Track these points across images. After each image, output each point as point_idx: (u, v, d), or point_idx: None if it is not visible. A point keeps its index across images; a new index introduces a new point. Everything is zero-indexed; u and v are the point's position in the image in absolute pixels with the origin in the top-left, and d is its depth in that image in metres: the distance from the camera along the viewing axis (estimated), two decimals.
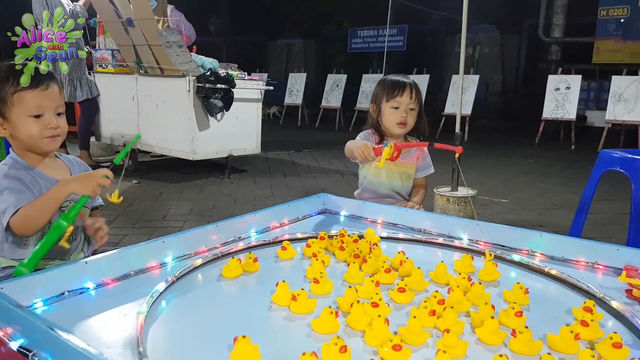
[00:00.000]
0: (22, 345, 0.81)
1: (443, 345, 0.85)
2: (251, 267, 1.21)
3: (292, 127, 10.20)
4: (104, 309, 1.01)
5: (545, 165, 6.12)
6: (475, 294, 1.05)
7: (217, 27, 16.40)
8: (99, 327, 0.94)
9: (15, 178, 1.30)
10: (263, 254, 1.30)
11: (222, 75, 4.38)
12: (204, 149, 4.50)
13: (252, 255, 1.22)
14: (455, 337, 0.85)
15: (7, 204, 1.25)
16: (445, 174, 3.26)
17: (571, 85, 7.82)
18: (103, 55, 5.08)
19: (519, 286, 1.06)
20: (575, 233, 2.41)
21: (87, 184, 1.26)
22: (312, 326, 0.93)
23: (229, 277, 1.17)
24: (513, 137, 8.96)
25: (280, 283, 1.04)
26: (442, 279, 1.17)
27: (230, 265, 1.18)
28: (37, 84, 1.29)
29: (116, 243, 2.80)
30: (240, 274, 1.19)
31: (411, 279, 1.13)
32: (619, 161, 2.26)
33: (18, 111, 1.29)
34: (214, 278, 1.19)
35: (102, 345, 0.86)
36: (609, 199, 4.11)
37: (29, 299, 0.98)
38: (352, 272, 1.16)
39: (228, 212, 3.53)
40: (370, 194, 2.14)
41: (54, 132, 1.33)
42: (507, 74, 12.23)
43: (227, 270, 1.18)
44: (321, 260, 1.21)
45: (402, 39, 10.77)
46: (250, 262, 1.21)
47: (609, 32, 9.16)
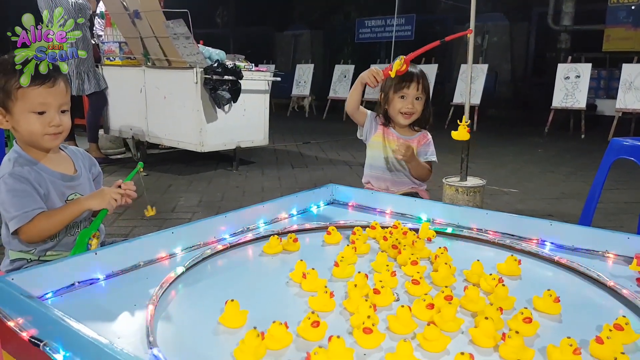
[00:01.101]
0: (34, 335, 0.82)
1: (423, 337, 0.85)
2: (291, 247, 1.31)
3: (300, 118, 10.18)
4: (114, 299, 1.02)
5: (555, 154, 6.07)
6: (499, 295, 1.01)
7: (224, 19, 16.36)
8: (110, 317, 0.95)
9: (20, 178, 1.29)
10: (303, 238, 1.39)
11: (230, 66, 4.37)
12: (212, 140, 4.51)
13: (292, 236, 1.32)
14: (437, 331, 0.84)
15: (17, 211, 1.26)
16: (453, 164, 3.24)
17: (581, 74, 7.73)
18: (110, 48, 5.08)
19: (549, 293, 1.00)
20: (585, 222, 2.39)
21: (102, 199, 1.30)
22: (309, 303, 1.00)
23: (269, 253, 1.28)
24: (522, 127, 8.88)
25: (298, 262, 1.11)
26: (474, 278, 1.13)
27: (272, 243, 1.29)
28: (43, 81, 1.27)
29: (126, 234, 2.82)
30: (280, 252, 1.30)
31: (438, 274, 1.12)
32: (630, 149, 2.23)
33: (21, 106, 1.28)
34: (224, 268, 1.20)
35: (113, 335, 0.87)
36: (619, 188, 4.07)
37: (40, 290, 0.99)
38: (379, 260, 1.20)
39: (236, 204, 3.54)
40: (375, 171, 2.19)
41: (56, 130, 1.32)
42: (516, 63, 12.10)
43: (268, 247, 1.29)
44: (352, 247, 1.24)
45: (410, 28, 10.68)
46: (291, 241, 1.31)
47: (620, 20, 9.02)
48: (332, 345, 0.78)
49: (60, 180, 1.37)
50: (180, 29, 4.25)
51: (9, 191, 1.27)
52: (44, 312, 0.83)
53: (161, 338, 0.86)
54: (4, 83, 1.27)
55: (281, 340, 0.83)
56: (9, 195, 1.27)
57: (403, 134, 2.16)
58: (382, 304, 1.00)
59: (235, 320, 0.90)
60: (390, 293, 1.01)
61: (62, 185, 1.37)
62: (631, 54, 7.80)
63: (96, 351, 0.72)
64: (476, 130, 7.33)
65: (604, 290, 1.09)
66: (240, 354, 0.80)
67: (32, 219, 1.26)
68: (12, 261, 1.37)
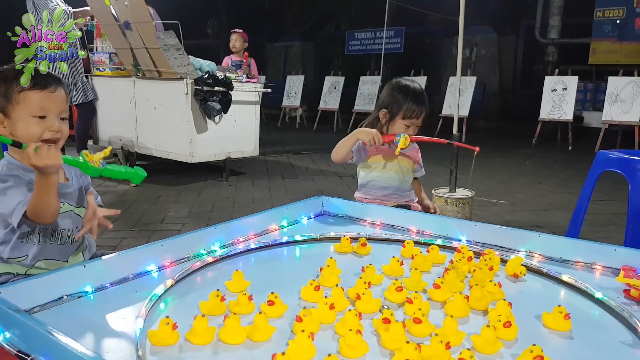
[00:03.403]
0: (21, 350, 0.81)
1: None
2: (362, 250, 1.37)
3: (290, 129, 10.20)
4: (103, 312, 1.01)
5: (543, 166, 6.14)
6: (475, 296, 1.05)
7: (214, 30, 16.42)
8: (98, 331, 0.94)
9: (8, 176, 1.29)
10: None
11: (220, 78, 4.38)
12: (202, 151, 4.50)
13: (363, 240, 1.39)
14: (353, 336, 0.86)
15: (13, 203, 1.25)
16: (442, 176, 3.26)
17: (568, 86, 7.85)
18: (101, 59, 5.07)
19: (559, 309, 0.97)
20: (573, 234, 2.41)
21: (44, 154, 1.17)
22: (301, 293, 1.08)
23: (340, 252, 1.38)
24: (511, 138, 8.98)
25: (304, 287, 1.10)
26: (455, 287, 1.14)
27: (343, 243, 1.38)
28: (44, 86, 1.29)
29: (114, 246, 2.79)
30: (350, 252, 1.39)
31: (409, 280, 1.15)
32: (616, 162, 2.27)
33: (22, 110, 1.28)
34: (213, 280, 1.19)
35: (102, 349, 0.86)
36: (606, 200, 4.12)
37: (27, 303, 0.98)
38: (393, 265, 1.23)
39: (226, 215, 3.53)
40: (374, 191, 2.13)
41: (55, 136, 1.32)
42: (504, 75, 12.25)
43: (339, 247, 1.38)
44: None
45: (399, 40, 10.80)
46: (359, 245, 1.38)
47: (605, 33, 9.19)
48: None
49: None
50: (170, 40, 4.26)
51: (2, 191, 1.27)
52: (31, 326, 0.82)
53: (150, 352, 0.86)
54: (5, 89, 1.28)
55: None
56: (1, 195, 1.27)
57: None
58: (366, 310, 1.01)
59: (202, 337, 0.89)
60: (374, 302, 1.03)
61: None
62: (617, 67, 7.95)
63: None
64: (465, 142, 7.37)
65: (592, 301, 1.10)
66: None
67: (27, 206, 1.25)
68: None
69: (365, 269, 1.17)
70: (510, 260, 1.25)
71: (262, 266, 1.32)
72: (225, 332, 0.89)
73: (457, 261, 1.25)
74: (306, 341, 0.83)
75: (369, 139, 1.94)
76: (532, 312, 1.03)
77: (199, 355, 0.86)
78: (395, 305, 1.06)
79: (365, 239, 1.40)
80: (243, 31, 5.68)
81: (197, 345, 0.88)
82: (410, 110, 2.03)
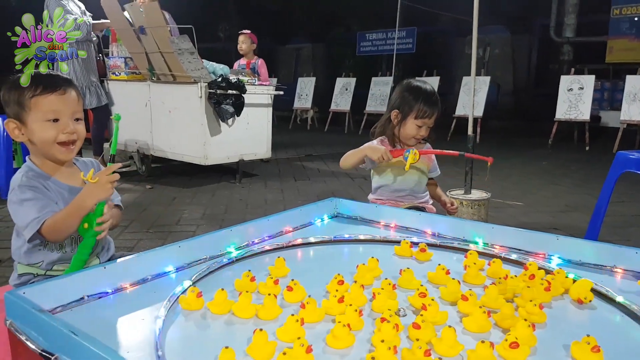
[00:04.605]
0: (45, 349, 0.83)
1: None
2: (421, 256, 1.35)
3: (302, 130, 10.22)
4: (122, 313, 1.02)
5: (559, 166, 6.07)
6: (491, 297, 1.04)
7: (226, 34, 16.52)
8: (119, 331, 0.95)
9: (28, 187, 1.30)
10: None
11: (233, 81, 4.41)
12: (216, 154, 4.53)
13: (422, 246, 1.36)
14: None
15: (29, 218, 1.26)
16: (457, 177, 3.24)
17: (584, 86, 7.75)
18: (116, 63, 5.14)
19: (587, 340, 0.86)
20: (592, 236, 2.38)
21: (103, 187, 1.25)
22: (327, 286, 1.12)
23: (401, 255, 1.37)
24: (526, 139, 8.89)
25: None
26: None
27: (403, 247, 1.38)
28: (54, 89, 1.30)
29: (132, 247, 2.82)
30: (410, 256, 1.37)
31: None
32: (636, 163, 2.24)
33: (35, 115, 1.30)
34: (230, 281, 1.20)
35: (122, 349, 0.87)
36: (625, 201, 4.06)
37: (50, 304, 1.00)
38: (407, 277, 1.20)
39: (240, 217, 3.54)
40: (388, 193, 2.14)
41: (70, 137, 1.33)
42: (518, 75, 12.16)
43: (400, 250, 1.38)
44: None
45: (411, 41, 10.77)
46: (419, 250, 1.36)
47: (623, 31, 9.07)
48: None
49: (68, 192, 1.37)
50: (184, 44, 4.29)
51: (18, 202, 1.28)
52: (55, 326, 0.83)
53: (170, 352, 0.86)
54: (17, 96, 1.29)
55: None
56: (19, 205, 1.28)
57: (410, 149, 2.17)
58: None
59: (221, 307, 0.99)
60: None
61: (69, 197, 1.37)
62: (635, 65, 7.83)
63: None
64: (479, 142, 7.33)
65: (613, 305, 1.08)
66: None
67: (42, 224, 1.26)
68: (20, 275, 1.38)
69: (402, 272, 1.17)
70: (577, 283, 1.11)
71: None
72: (237, 307, 1.01)
73: (513, 277, 1.15)
74: (293, 325, 0.91)
75: (378, 157, 1.97)
76: (560, 339, 0.93)
77: (215, 323, 0.94)
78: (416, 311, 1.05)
79: (425, 244, 1.38)
80: (251, 32, 5.68)
81: (215, 314, 1.02)
82: (422, 111, 2.04)
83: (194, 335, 0.95)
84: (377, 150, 2.00)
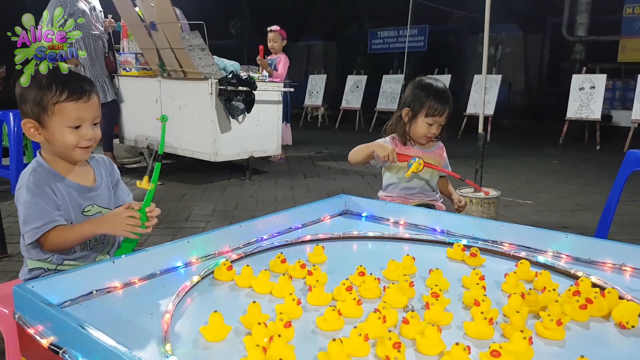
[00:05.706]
0: (53, 342, 0.84)
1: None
2: (472, 261, 1.31)
3: (312, 128, 10.21)
4: (131, 307, 1.03)
5: (570, 166, 6.01)
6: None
7: (238, 30, 16.55)
8: (127, 325, 0.96)
9: (35, 190, 1.29)
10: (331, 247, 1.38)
11: (244, 77, 4.42)
12: (226, 150, 4.54)
13: (474, 250, 1.32)
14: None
15: (29, 225, 1.27)
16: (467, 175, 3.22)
17: (596, 85, 7.66)
18: (127, 59, 5.16)
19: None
20: (601, 234, 2.36)
21: (113, 227, 1.29)
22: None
23: (452, 258, 1.35)
24: (537, 138, 8.81)
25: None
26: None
27: (455, 250, 1.35)
28: (79, 96, 1.29)
29: (141, 243, 2.84)
30: (461, 259, 1.34)
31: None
32: None
33: (57, 121, 1.29)
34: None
35: (130, 343, 0.88)
36: (635, 200, 4.02)
37: (59, 298, 1.01)
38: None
39: (250, 213, 3.55)
40: (399, 192, 2.14)
41: (89, 143, 1.35)
42: (530, 74, 12.05)
43: (452, 253, 1.36)
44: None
45: (422, 39, 10.69)
46: (470, 255, 1.33)
47: (635, 30, 8.95)
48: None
49: (77, 191, 1.37)
50: (195, 40, 4.31)
51: (24, 203, 1.28)
52: (63, 320, 0.84)
53: (178, 347, 0.87)
54: (39, 98, 1.27)
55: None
56: (24, 207, 1.28)
57: (421, 147, 2.16)
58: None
59: (218, 333, 0.91)
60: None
61: (78, 196, 1.37)
62: None
63: (115, 359, 0.73)
64: (490, 141, 7.28)
65: None
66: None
67: (44, 233, 1.26)
68: (30, 270, 1.38)
69: (431, 272, 1.17)
70: (621, 305, 1.00)
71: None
72: (256, 281, 1.12)
73: (552, 290, 1.07)
74: (290, 305, 0.99)
75: (384, 155, 1.98)
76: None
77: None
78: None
79: (477, 248, 1.33)
80: (280, 28, 5.64)
81: (242, 287, 1.13)
82: (433, 109, 2.03)
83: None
84: (384, 148, 1.99)
